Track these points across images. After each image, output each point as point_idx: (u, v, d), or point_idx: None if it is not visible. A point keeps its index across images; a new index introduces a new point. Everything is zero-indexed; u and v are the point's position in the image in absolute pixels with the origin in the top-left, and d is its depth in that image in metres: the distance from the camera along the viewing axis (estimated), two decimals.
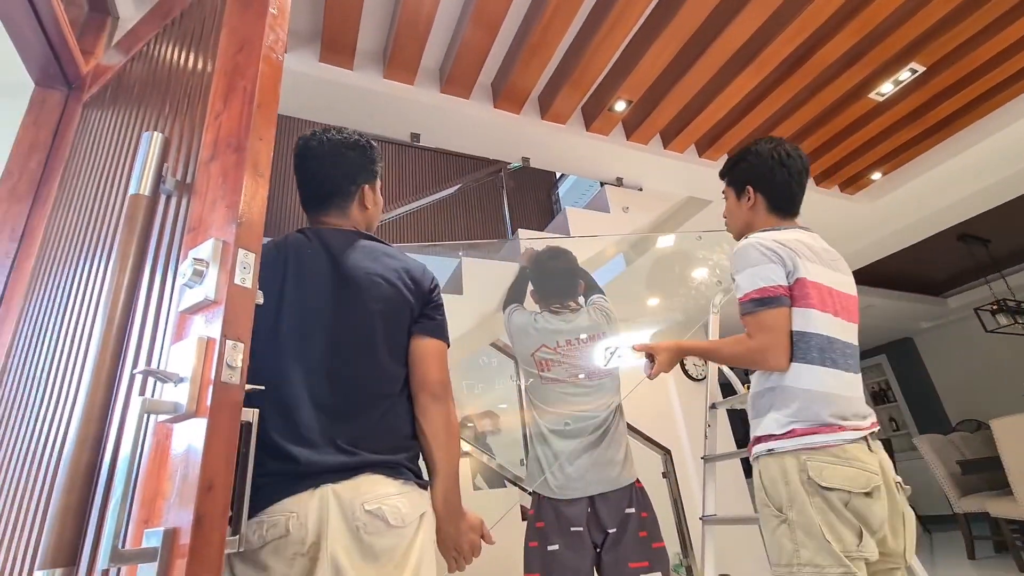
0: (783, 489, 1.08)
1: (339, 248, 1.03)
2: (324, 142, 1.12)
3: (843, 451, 1.07)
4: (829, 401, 1.11)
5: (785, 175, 1.31)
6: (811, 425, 1.09)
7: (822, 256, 1.25)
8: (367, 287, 0.99)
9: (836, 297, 1.21)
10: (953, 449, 4.33)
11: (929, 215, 3.94)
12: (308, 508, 0.82)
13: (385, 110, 2.56)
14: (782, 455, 1.10)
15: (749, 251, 1.21)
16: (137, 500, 0.67)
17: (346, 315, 0.97)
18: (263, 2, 0.95)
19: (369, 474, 0.86)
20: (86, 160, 1.31)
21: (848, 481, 1.05)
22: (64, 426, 0.85)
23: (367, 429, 0.91)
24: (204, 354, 0.68)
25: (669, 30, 2.33)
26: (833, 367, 1.14)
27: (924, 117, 3.08)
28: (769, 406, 1.16)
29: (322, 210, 1.12)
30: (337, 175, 1.11)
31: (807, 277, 1.17)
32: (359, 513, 0.83)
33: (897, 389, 7.00)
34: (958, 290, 6.25)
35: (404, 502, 0.87)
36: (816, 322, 1.15)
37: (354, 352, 0.95)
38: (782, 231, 1.26)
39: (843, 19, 2.38)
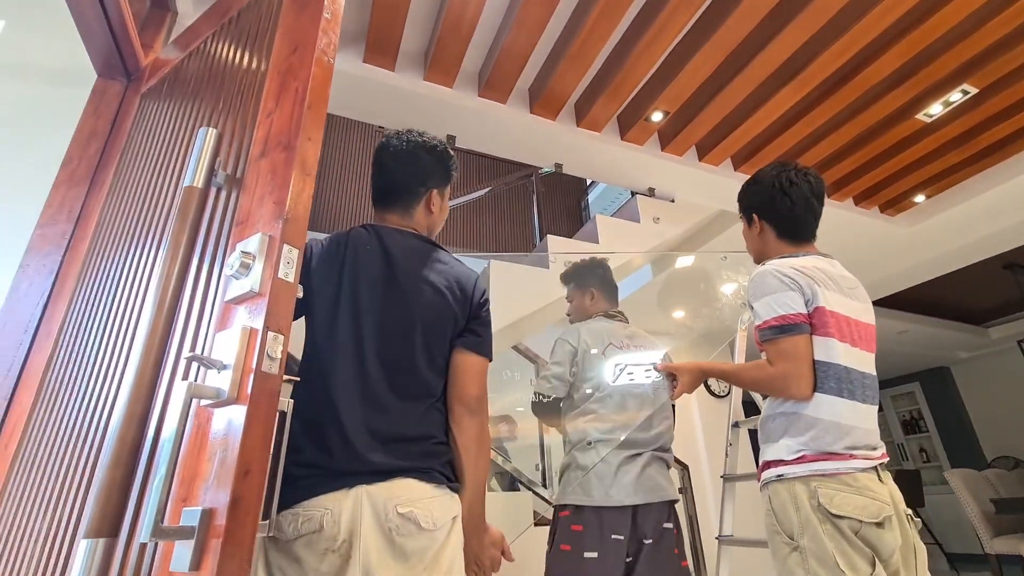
0: (794, 515, 1.07)
1: (396, 249, 1.05)
2: (405, 142, 1.14)
3: (854, 479, 1.06)
4: (843, 432, 1.10)
5: (788, 203, 1.29)
6: (823, 451, 1.09)
7: (840, 284, 1.24)
8: (414, 292, 1.00)
9: (854, 326, 1.19)
10: (987, 486, 4.15)
11: (974, 242, 3.80)
12: (342, 506, 0.84)
13: (423, 111, 2.60)
14: (792, 481, 1.10)
15: (767, 278, 1.20)
16: (177, 479, 0.70)
17: (392, 317, 0.98)
18: (318, 6, 0.99)
19: (403, 477, 0.88)
20: (141, 150, 1.37)
21: (859, 510, 1.04)
22: (111, 403, 0.90)
23: (403, 432, 0.92)
24: (247, 343, 0.71)
25: (711, 43, 2.31)
26: (851, 398, 1.13)
27: (974, 141, 2.97)
28: (782, 432, 1.15)
29: (388, 207, 1.14)
30: (409, 175, 1.13)
31: (826, 306, 1.16)
32: (392, 515, 0.84)
33: (930, 419, 6.74)
34: (1001, 320, 5.99)
35: (436, 505, 0.89)
36: (834, 352, 1.14)
37: (396, 354, 0.97)
38: (799, 258, 1.25)
39: (893, 38, 2.32)
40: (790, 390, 1.14)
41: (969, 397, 6.50)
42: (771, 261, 1.27)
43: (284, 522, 0.84)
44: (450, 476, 0.96)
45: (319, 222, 4.18)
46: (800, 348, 1.13)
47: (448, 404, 1.01)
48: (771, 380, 1.17)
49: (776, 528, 1.12)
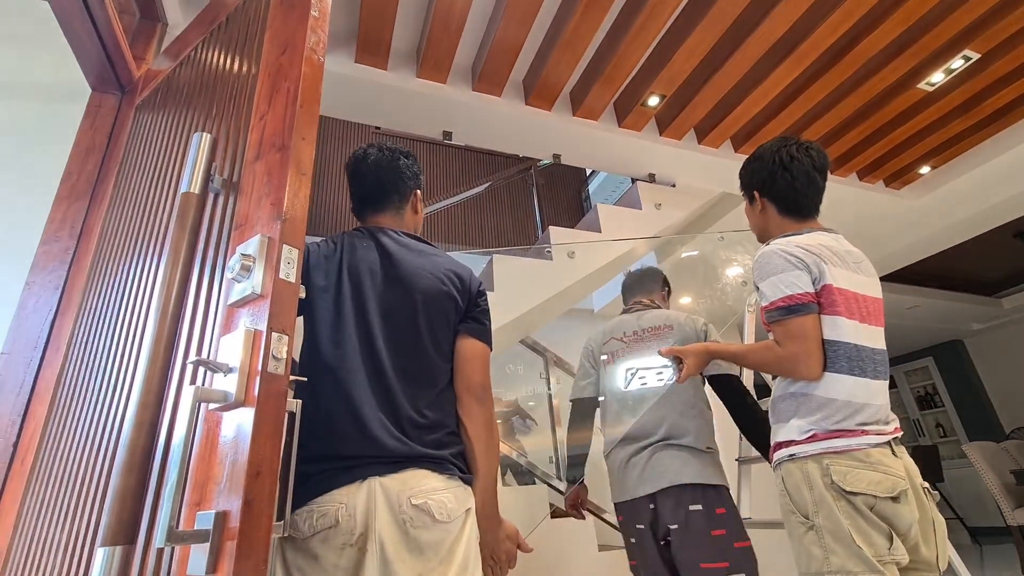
0: (808, 494, 1.07)
1: (391, 244, 1.09)
2: (383, 149, 1.20)
3: (867, 455, 1.05)
4: (855, 410, 1.09)
5: (788, 178, 1.27)
6: (834, 429, 1.08)
7: (846, 259, 1.22)
8: (415, 281, 1.03)
9: (862, 302, 1.18)
10: (1007, 458, 4.11)
11: (982, 211, 3.74)
12: (356, 499, 0.84)
13: (418, 109, 2.59)
14: (804, 460, 1.09)
15: (772, 258, 1.18)
16: (190, 483, 0.70)
17: (395, 307, 1.01)
18: (305, 5, 0.98)
19: (415, 468, 0.88)
20: (138, 160, 1.37)
21: (873, 485, 1.03)
22: (122, 412, 0.90)
23: (415, 419, 0.93)
24: (252, 346, 0.71)
25: (705, 23, 2.28)
26: (862, 375, 1.11)
27: (978, 107, 2.92)
28: (793, 412, 1.14)
29: (379, 211, 1.18)
30: (396, 178, 1.19)
31: (833, 283, 1.14)
32: (406, 507, 0.85)
33: (945, 393, 6.68)
34: (1014, 290, 5.91)
35: (450, 497, 0.89)
36: (843, 330, 1.13)
37: (403, 344, 0.99)
38: (804, 235, 1.23)
39: (891, 7, 2.28)
40: (800, 371, 1.13)
41: (984, 369, 6.43)
42: (776, 240, 1.25)
43: (299, 520, 0.84)
44: (462, 467, 0.96)
45: (321, 225, 4.19)
46: (808, 328, 1.12)
47: (456, 393, 1.03)
48: (780, 361, 1.16)
49: (791, 508, 1.11)
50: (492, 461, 1.01)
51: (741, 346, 1.35)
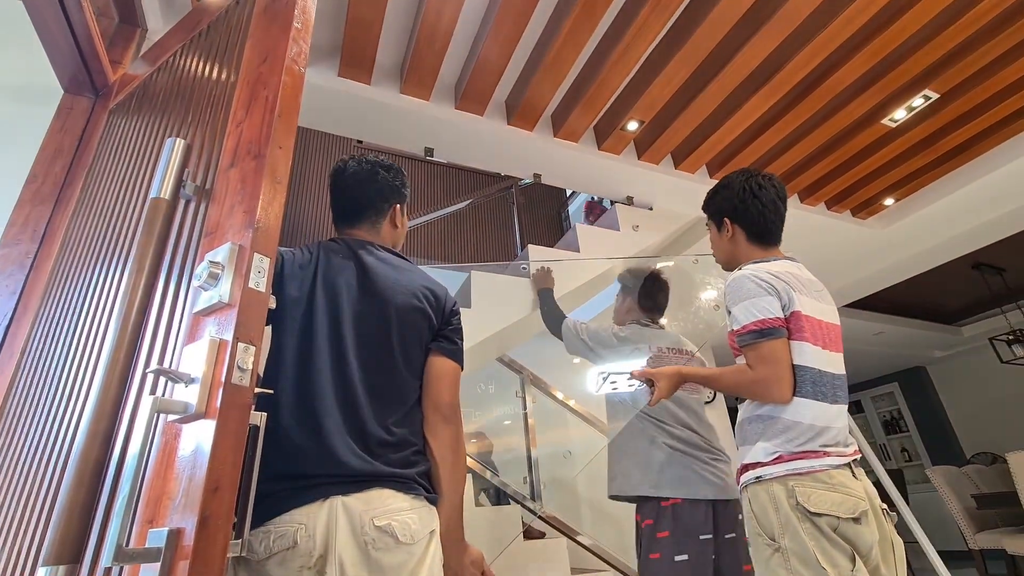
0: (774, 516, 1.08)
1: (368, 258, 1.07)
2: (362, 162, 1.19)
3: (829, 476, 1.08)
4: (818, 433, 1.13)
5: (758, 206, 1.33)
6: (797, 451, 1.11)
7: (809, 288, 1.27)
8: (390, 296, 1.02)
9: (824, 329, 1.22)
10: (968, 482, 4.23)
11: (943, 242, 3.91)
12: (317, 520, 0.81)
13: (400, 124, 2.60)
14: (770, 482, 1.11)
15: (744, 283, 1.22)
16: (143, 499, 0.67)
17: (369, 322, 0.99)
18: (288, 16, 0.98)
19: (380, 488, 0.85)
20: (109, 165, 1.34)
21: (836, 506, 1.05)
22: (75, 423, 0.86)
23: (381, 437, 0.91)
24: (216, 355, 0.69)
25: (683, 52, 2.36)
26: (824, 400, 1.15)
27: (938, 144, 3.07)
28: (759, 435, 1.17)
29: (355, 224, 1.17)
30: (373, 192, 1.17)
31: (801, 311, 1.18)
32: (368, 528, 0.82)
33: (909, 418, 6.87)
34: (973, 319, 6.15)
35: (414, 518, 0.86)
36: (809, 356, 1.16)
37: (374, 359, 0.97)
38: (772, 262, 1.28)
39: (857, 45, 2.39)
40: (771, 394, 1.15)
41: (946, 395, 6.64)
42: (746, 266, 1.28)
43: (255, 541, 0.80)
44: (428, 487, 0.93)
45: (297, 237, 4.13)
46: (779, 352, 1.15)
47: (424, 412, 1.01)
48: (752, 384, 1.18)
49: (757, 531, 1.12)
50: (458, 483, 0.98)
51: (714, 370, 1.36)
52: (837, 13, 2.18)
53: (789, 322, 1.18)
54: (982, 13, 2.25)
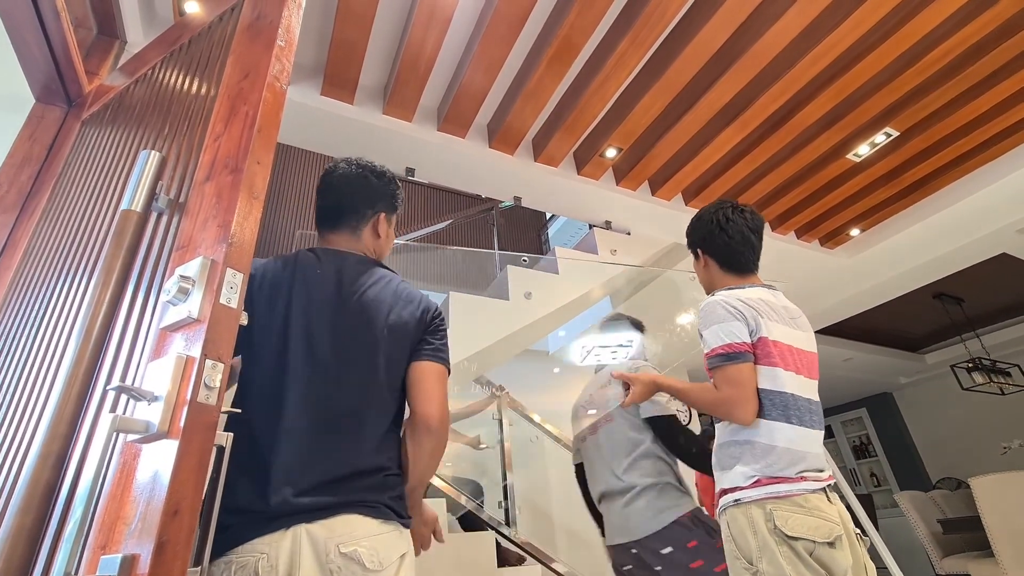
0: (752, 539, 1.10)
1: (346, 272, 1.03)
2: (353, 165, 1.16)
3: (806, 500, 1.10)
4: (796, 457, 1.15)
5: (724, 238, 1.38)
6: (775, 475, 1.13)
7: (783, 314, 1.30)
8: (367, 313, 0.97)
9: (797, 355, 1.25)
10: (934, 507, 4.31)
11: (905, 272, 4.07)
12: (280, 549, 0.77)
13: (382, 144, 2.62)
14: (748, 505, 1.12)
15: (715, 308, 1.26)
16: (96, 524, 0.63)
17: (346, 339, 0.95)
18: (271, 34, 0.99)
19: (346, 514, 0.82)
20: (79, 176, 1.31)
21: (812, 531, 1.07)
22: (27, 443, 0.82)
23: (357, 462, 0.87)
24: (182, 373, 0.67)
25: (659, 85, 2.45)
26: (799, 424, 1.18)
27: (899, 178, 3.23)
28: (736, 459, 1.19)
29: (335, 229, 1.12)
30: (357, 195, 1.13)
31: (769, 336, 1.22)
32: (333, 555, 0.78)
33: (877, 443, 7.01)
34: (935, 347, 6.37)
35: (382, 543, 0.83)
36: (780, 380, 1.19)
37: (354, 378, 0.93)
38: (745, 289, 1.31)
39: (821, 85, 2.52)
40: (734, 414, 1.18)
41: (911, 421, 6.82)
42: (719, 292, 1.33)
43: (216, 572, 0.77)
44: (400, 510, 0.90)
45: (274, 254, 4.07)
46: (745, 375, 1.18)
47: (409, 421, 0.98)
48: (716, 404, 1.22)
49: (736, 553, 1.13)
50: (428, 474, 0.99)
51: (685, 383, 1.40)
52: (803, 54, 2.30)
53: (756, 347, 1.21)
54: (936, 59, 2.40)
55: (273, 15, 1.01)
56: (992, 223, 3.44)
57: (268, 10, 1.03)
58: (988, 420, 6.03)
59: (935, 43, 2.33)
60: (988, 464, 5.71)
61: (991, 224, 3.45)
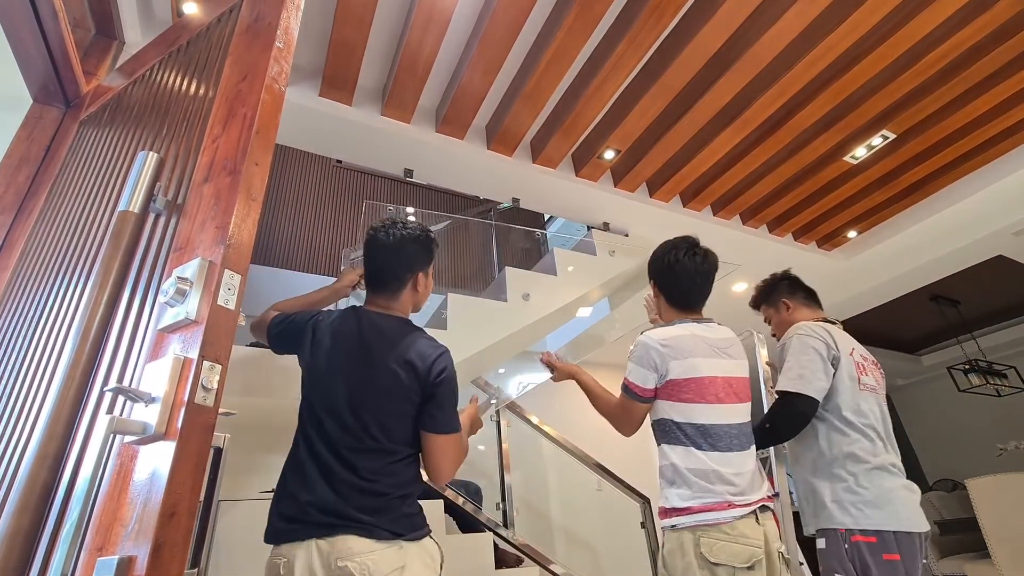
0: (679, 562, 1.23)
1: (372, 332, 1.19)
2: (391, 235, 1.27)
3: (732, 527, 1.22)
4: (719, 479, 1.27)
5: (670, 277, 1.51)
6: (706, 503, 1.25)
7: (714, 345, 1.41)
8: (379, 368, 1.13)
9: (723, 383, 1.37)
10: (931, 508, 4.32)
11: (902, 274, 4.08)
12: (297, 555, 0.98)
13: (380, 145, 2.62)
14: (681, 531, 1.25)
15: (639, 349, 1.41)
16: (93, 525, 0.63)
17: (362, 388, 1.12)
18: (270, 36, 0.99)
19: (344, 534, 0.99)
20: (77, 176, 1.30)
21: (733, 557, 1.19)
22: (24, 444, 0.81)
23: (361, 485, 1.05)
24: (179, 374, 0.67)
25: (657, 87, 2.45)
26: (712, 450, 1.30)
27: (896, 181, 3.24)
28: (670, 481, 1.32)
29: (378, 291, 1.28)
30: (397, 264, 1.27)
31: (677, 376, 1.35)
32: (333, 568, 0.96)
33: None
34: (932, 349, 6.39)
35: (374, 559, 0.98)
36: (692, 412, 1.33)
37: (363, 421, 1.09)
38: (675, 326, 1.44)
39: (819, 87, 2.53)
40: (618, 429, 1.47)
41: (908, 422, 6.83)
42: (650, 332, 1.44)
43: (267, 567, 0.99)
44: (399, 530, 1.03)
45: (273, 256, 4.07)
46: (636, 412, 1.41)
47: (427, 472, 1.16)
48: (611, 416, 1.48)
49: (665, 572, 1.27)
50: None
51: (596, 386, 1.56)
52: (800, 57, 2.31)
53: (663, 389, 1.37)
54: (933, 62, 2.41)
55: (271, 17, 1.01)
56: (989, 225, 3.45)
57: (267, 12, 1.04)
58: (984, 422, 6.05)
59: (932, 46, 2.34)
60: (984, 466, 5.72)
61: (988, 226, 3.46)
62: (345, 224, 4.55)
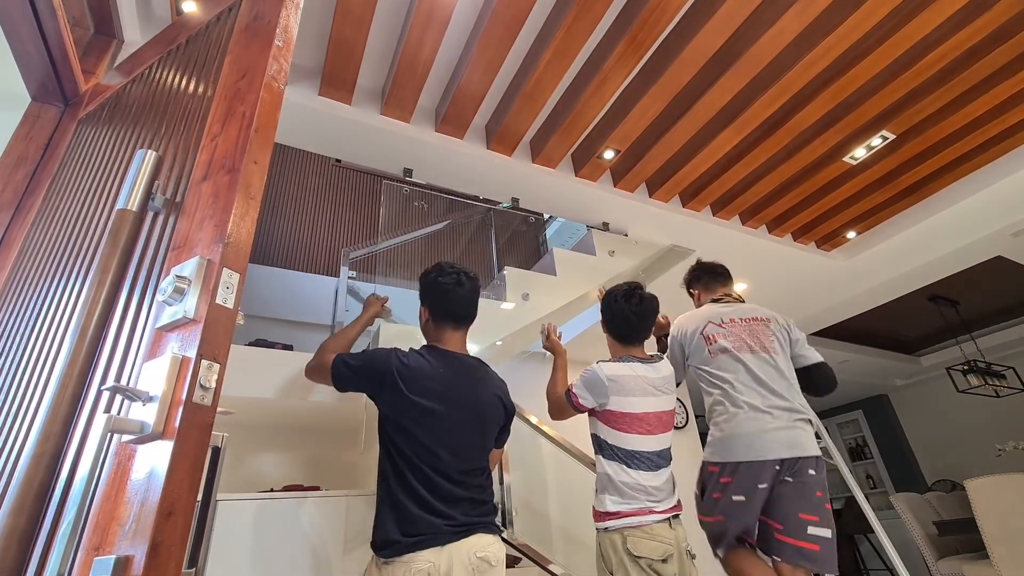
0: (612, 557, 1.55)
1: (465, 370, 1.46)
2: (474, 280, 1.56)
3: (651, 528, 1.56)
4: (641, 491, 1.60)
5: (609, 314, 1.83)
6: (631, 509, 1.59)
7: (648, 381, 1.71)
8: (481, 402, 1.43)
9: (647, 418, 1.68)
10: (929, 509, 4.32)
11: (901, 275, 4.08)
12: (440, 559, 1.22)
13: (380, 144, 2.61)
14: (612, 532, 1.58)
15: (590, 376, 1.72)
16: (90, 525, 0.63)
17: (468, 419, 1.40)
18: (269, 35, 0.99)
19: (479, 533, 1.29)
20: (75, 175, 1.30)
21: (652, 551, 1.53)
22: (20, 444, 0.81)
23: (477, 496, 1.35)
24: (177, 373, 0.66)
25: (656, 87, 2.45)
26: (637, 469, 1.63)
27: (895, 181, 3.24)
28: (604, 488, 1.65)
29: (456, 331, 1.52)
30: (474, 308, 1.56)
31: (615, 409, 1.67)
32: (473, 559, 1.25)
33: (873, 445, 7.03)
34: (931, 349, 6.40)
35: (497, 548, 1.31)
36: (623, 439, 1.65)
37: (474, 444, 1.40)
38: (623, 363, 1.73)
39: (818, 88, 2.53)
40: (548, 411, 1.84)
41: (907, 423, 6.84)
42: (603, 363, 1.73)
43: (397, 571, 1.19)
44: (499, 527, 1.37)
45: (271, 256, 4.06)
46: (566, 411, 1.77)
47: None
48: (550, 400, 1.84)
49: (602, 566, 1.59)
50: None
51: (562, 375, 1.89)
52: (800, 57, 2.31)
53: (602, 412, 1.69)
54: (932, 63, 2.41)
55: (271, 15, 1.01)
56: (987, 226, 3.45)
57: (266, 10, 1.03)
58: (983, 422, 6.06)
59: (931, 47, 2.34)
60: (983, 466, 5.73)
61: (986, 227, 3.47)
62: (344, 224, 4.54)
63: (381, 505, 1.28)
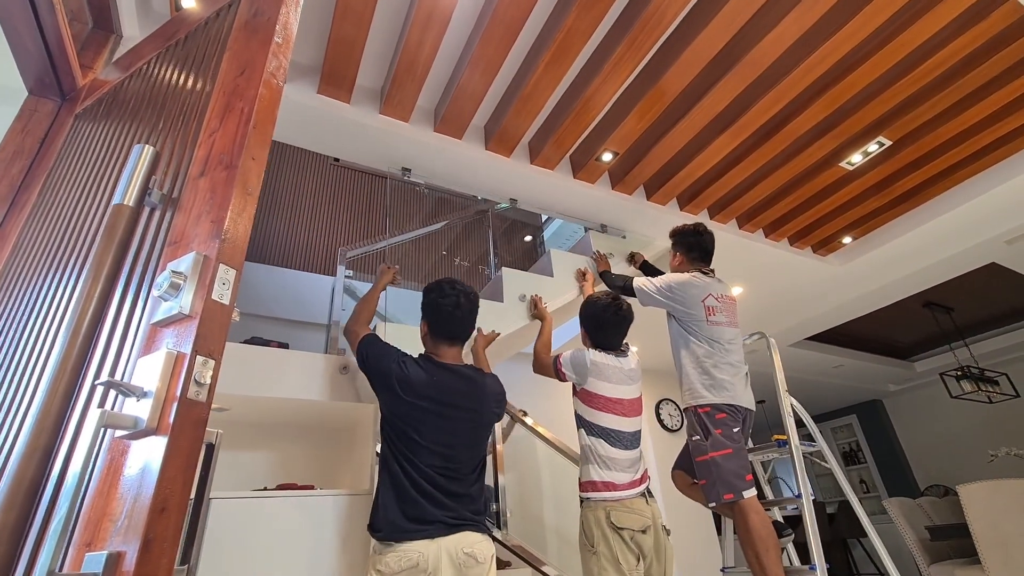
0: (595, 530, 1.69)
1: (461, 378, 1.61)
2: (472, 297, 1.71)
3: (631, 503, 1.74)
4: (620, 467, 1.80)
5: (594, 325, 2.06)
6: (612, 481, 1.76)
7: (622, 373, 1.95)
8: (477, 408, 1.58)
9: (619, 403, 1.91)
10: (922, 514, 4.34)
11: (896, 281, 4.10)
12: (429, 550, 1.33)
13: (378, 144, 2.61)
14: (596, 505, 1.74)
15: (579, 355, 1.97)
16: (82, 520, 0.63)
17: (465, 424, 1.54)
18: (268, 31, 0.99)
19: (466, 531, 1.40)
20: (71, 170, 1.29)
21: (632, 523, 1.70)
22: (13, 438, 0.80)
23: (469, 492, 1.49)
24: (172, 369, 0.66)
25: (655, 91, 2.46)
26: (614, 446, 1.83)
27: (891, 187, 3.25)
28: (587, 460, 1.84)
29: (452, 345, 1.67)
30: (471, 324, 1.71)
31: (591, 390, 1.91)
32: (460, 555, 1.35)
33: (867, 450, 7.06)
34: (925, 355, 6.43)
35: (485, 547, 1.42)
36: (600, 418, 1.87)
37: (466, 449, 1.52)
38: (600, 354, 1.98)
39: (816, 93, 2.54)
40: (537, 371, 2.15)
41: (900, 428, 6.87)
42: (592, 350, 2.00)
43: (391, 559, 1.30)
44: (488, 527, 1.48)
45: (269, 254, 4.05)
46: (549, 372, 2.07)
47: None
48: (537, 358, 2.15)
49: (584, 542, 1.72)
50: None
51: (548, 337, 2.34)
52: (798, 63, 2.32)
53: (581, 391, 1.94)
54: (929, 70, 2.43)
55: (271, 12, 1.01)
56: (982, 233, 3.47)
57: (266, 7, 1.03)
58: (976, 428, 6.09)
59: (928, 54, 2.36)
60: (976, 472, 5.76)
61: (981, 234, 3.49)
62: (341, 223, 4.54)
63: (382, 487, 1.43)
